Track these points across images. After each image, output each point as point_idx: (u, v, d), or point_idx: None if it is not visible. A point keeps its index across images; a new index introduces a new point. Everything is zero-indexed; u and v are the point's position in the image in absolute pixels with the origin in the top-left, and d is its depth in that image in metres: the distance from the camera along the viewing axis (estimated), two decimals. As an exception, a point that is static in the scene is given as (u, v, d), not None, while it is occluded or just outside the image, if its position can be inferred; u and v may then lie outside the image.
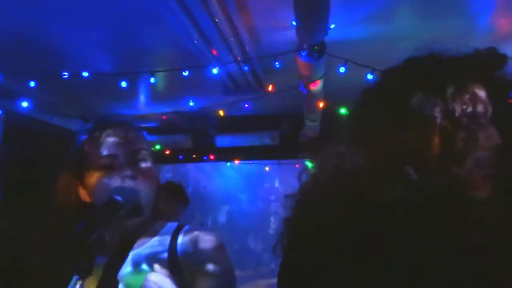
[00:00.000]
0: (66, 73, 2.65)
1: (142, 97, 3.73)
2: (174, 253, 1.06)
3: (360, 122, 0.80)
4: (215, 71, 2.64)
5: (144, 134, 1.19)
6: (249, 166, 5.59)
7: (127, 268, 1.06)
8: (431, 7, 2.25)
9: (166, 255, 1.06)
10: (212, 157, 4.62)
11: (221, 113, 3.55)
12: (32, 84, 2.72)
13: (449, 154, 0.70)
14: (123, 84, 2.76)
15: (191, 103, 3.43)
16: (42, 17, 2.24)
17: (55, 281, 0.97)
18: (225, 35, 2.32)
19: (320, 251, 0.70)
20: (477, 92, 0.74)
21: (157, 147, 4.21)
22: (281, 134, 4.49)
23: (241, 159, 4.79)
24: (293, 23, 2.07)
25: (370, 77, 2.50)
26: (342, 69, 2.55)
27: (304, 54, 2.32)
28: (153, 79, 2.71)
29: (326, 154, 0.79)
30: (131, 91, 3.13)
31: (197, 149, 4.66)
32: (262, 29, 2.43)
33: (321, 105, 3.16)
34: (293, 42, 2.32)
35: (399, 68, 0.80)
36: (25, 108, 2.90)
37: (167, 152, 4.44)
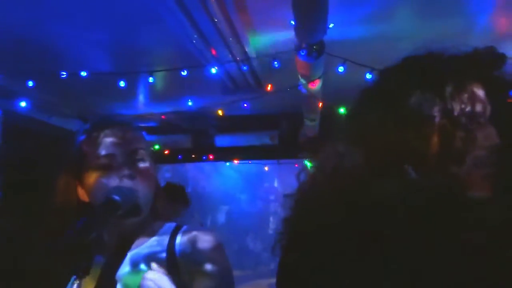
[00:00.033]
0: (64, 73, 2.64)
1: (141, 97, 3.72)
2: (172, 253, 1.06)
3: (358, 121, 0.79)
4: (214, 70, 2.63)
5: (142, 134, 1.19)
6: (249, 166, 5.59)
7: (125, 268, 1.06)
8: (430, 7, 2.25)
9: (164, 255, 1.06)
10: (211, 157, 4.61)
11: (220, 113, 3.55)
12: (30, 83, 2.71)
13: (447, 153, 0.70)
14: (122, 83, 2.76)
15: (190, 103, 3.43)
16: (40, 17, 2.24)
17: (55, 281, 0.97)
18: (224, 35, 2.32)
19: (319, 250, 0.70)
20: (476, 91, 0.74)
21: (156, 147, 4.21)
22: (280, 133, 4.48)
23: (241, 159, 4.79)
24: (292, 23, 2.07)
25: (369, 76, 2.50)
26: (341, 69, 2.55)
27: (303, 53, 2.31)
28: (151, 79, 2.70)
29: (325, 153, 0.78)
30: (130, 91, 3.13)
31: (196, 149, 4.65)
32: (261, 28, 2.43)
33: (320, 104, 3.16)
34: (292, 41, 2.32)
35: (398, 67, 0.79)
36: (23, 108, 2.90)
37: (166, 152, 4.44)
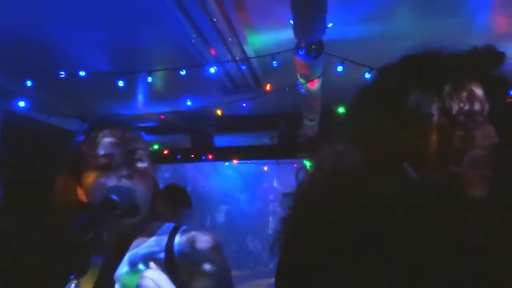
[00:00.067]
0: (63, 73, 2.64)
1: (140, 97, 3.72)
2: (171, 253, 1.06)
3: (356, 120, 0.79)
4: (213, 70, 2.63)
5: (141, 134, 1.19)
6: (248, 165, 5.58)
7: (123, 268, 1.06)
8: (429, 6, 2.24)
9: (163, 255, 1.06)
10: (210, 157, 4.60)
11: (219, 113, 3.54)
12: (29, 83, 2.71)
13: (446, 152, 0.70)
14: (120, 83, 2.75)
15: (189, 103, 3.42)
16: (39, 16, 2.23)
17: (54, 280, 0.96)
18: (223, 34, 2.31)
19: (317, 250, 0.70)
20: (475, 90, 0.73)
21: (155, 146, 4.21)
22: (279, 133, 4.48)
23: (240, 158, 4.78)
24: (291, 22, 2.06)
25: (368, 76, 2.49)
26: (340, 68, 2.54)
27: (301, 53, 2.31)
28: (150, 79, 2.70)
29: (323, 152, 0.78)
30: (129, 91, 3.12)
31: (195, 148, 4.64)
32: (260, 28, 2.43)
33: (319, 104, 3.16)
34: (291, 41, 2.32)
35: (396, 65, 0.79)
36: (22, 107, 2.89)
37: (166, 151, 4.43)
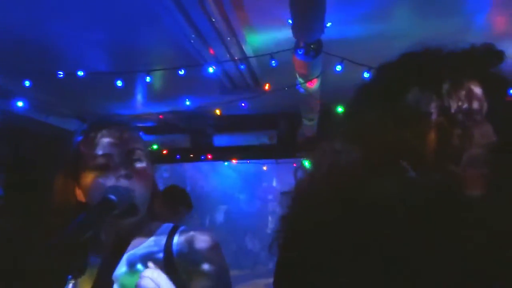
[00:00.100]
0: (61, 73, 2.63)
1: (139, 97, 3.72)
2: (169, 253, 1.06)
3: (355, 119, 0.79)
4: (212, 70, 2.63)
5: (140, 134, 1.19)
6: (247, 165, 5.58)
7: (122, 268, 1.05)
8: (428, 6, 2.25)
9: (161, 255, 1.06)
10: (209, 157, 4.60)
11: (218, 113, 3.54)
12: (27, 83, 2.70)
13: (444, 150, 0.70)
14: (119, 83, 2.75)
15: (188, 103, 3.41)
16: (38, 16, 2.23)
17: (53, 280, 0.96)
18: (222, 34, 2.31)
19: (316, 249, 0.70)
20: (473, 88, 0.73)
21: (154, 146, 4.20)
22: (278, 133, 4.48)
23: (239, 158, 4.77)
24: (289, 22, 2.06)
25: (366, 75, 2.49)
26: (338, 68, 2.54)
27: (300, 52, 2.31)
28: (149, 79, 2.70)
29: (322, 151, 0.78)
30: (127, 91, 3.12)
31: (195, 148, 4.64)
32: (258, 27, 2.42)
33: (318, 104, 3.15)
34: (290, 40, 2.32)
35: (395, 63, 0.79)
36: (21, 107, 2.89)
37: (165, 151, 4.43)
